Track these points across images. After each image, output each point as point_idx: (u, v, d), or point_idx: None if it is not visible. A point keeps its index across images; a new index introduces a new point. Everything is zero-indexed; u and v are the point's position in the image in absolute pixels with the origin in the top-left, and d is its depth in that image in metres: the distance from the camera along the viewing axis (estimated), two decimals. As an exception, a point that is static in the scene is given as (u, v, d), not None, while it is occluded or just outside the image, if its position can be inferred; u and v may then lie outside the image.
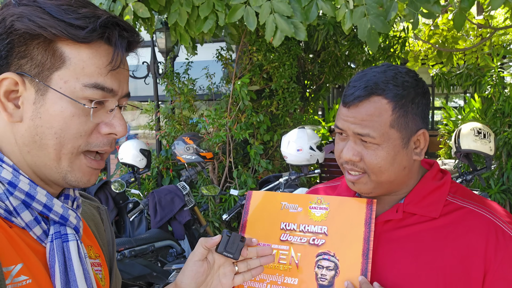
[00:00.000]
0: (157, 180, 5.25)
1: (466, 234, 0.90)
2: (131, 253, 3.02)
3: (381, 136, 0.90)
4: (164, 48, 4.88)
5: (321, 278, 0.91)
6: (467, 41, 5.91)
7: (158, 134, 5.15)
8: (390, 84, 0.90)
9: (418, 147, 0.95)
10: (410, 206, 0.96)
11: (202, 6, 2.47)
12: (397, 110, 0.90)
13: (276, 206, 0.98)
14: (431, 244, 0.92)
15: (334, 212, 0.95)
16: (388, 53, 5.68)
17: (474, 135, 2.93)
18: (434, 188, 0.97)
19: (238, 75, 4.55)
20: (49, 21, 0.64)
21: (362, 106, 0.91)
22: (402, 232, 0.95)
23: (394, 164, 0.92)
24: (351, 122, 0.92)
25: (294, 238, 0.95)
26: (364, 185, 0.95)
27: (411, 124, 0.92)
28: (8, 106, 0.66)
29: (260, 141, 4.60)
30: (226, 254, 0.81)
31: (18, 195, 0.66)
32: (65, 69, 0.66)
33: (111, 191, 3.68)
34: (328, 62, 5.43)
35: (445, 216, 0.94)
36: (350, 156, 0.93)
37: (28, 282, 0.63)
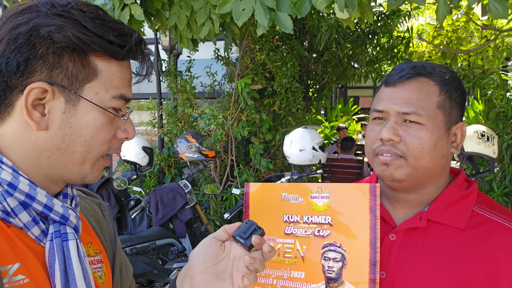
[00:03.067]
0: (158, 178, 5.26)
1: (494, 250, 0.86)
2: (132, 251, 3.02)
3: (428, 115, 0.88)
4: (168, 45, 4.88)
5: (328, 270, 0.88)
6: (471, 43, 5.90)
7: (161, 132, 5.16)
8: (437, 70, 0.91)
9: (455, 141, 0.94)
10: (434, 214, 0.92)
11: (199, 12, 2.49)
12: (444, 92, 0.90)
13: (277, 198, 0.94)
14: (456, 257, 0.87)
15: (336, 200, 0.90)
16: (392, 53, 5.67)
17: (477, 137, 2.92)
18: (460, 197, 0.93)
19: (240, 74, 4.55)
20: (91, 37, 0.66)
21: (410, 85, 0.90)
22: (425, 241, 0.91)
23: (436, 149, 0.89)
24: (396, 101, 0.89)
25: (299, 231, 0.91)
26: (399, 168, 0.89)
27: (454, 112, 0.92)
28: (34, 114, 0.66)
29: (262, 140, 4.60)
30: (238, 238, 0.79)
31: (18, 196, 0.66)
32: (97, 81, 0.69)
33: (113, 188, 3.68)
34: (331, 62, 5.43)
35: (472, 229, 0.89)
36: (390, 135, 0.88)
37: (26, 281, 0.64)
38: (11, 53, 0.64)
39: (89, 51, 0.67)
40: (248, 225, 0.80)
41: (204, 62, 5.10)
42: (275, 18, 2.12)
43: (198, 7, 2.50)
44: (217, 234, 0.81)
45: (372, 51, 5.86)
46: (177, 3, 2.61)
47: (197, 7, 2.51)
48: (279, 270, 0.91)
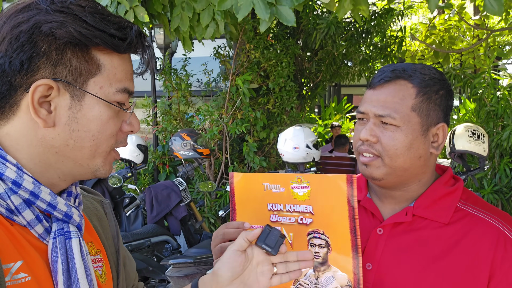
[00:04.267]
0: (153, 175, 5.27)
1: (475, 243, 0.90)
2: (127, 248, 3.04)
3: (401, 118, 0.91)
4: (163, 44, 4.88)
5: (315, 256, 0.92)
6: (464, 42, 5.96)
7: (155, 129, 5.16)
8: (418, 72, 0.94)
9: (436, 141, 0.96)
10: (420, 209, 0.96)
11: (203, 13, 2.50)
12: (421, 95, 0.92)
13: (260, 187, 0.96)
14: (439, 250, 0.91)
15: (315, 191, 0.92)
16: (385, 52, 5.71)
17: (468, 136, 2.97)
18: (446, 193, 0.97)
19: (235, 72, 4.57)
20: (92, 31, 0.66)
21: (388, 87, 0.94)
22: (411, 236, 0.95)
23: (411, 149, 0.92)
24: (374, 104, 0.94)
25: (283, 219, 0.94)
26: (377, 168, 0.95)
27: (432, 114, 0.94)
28: (41, 112, 0.66)
29: (256, 138, 4.63)
30: (264, 247, 0.80)
31: (22, 194, 0.66)
32: (100, 75, 0.69)
33: (108, 186, 3.69)
34: (325, 60, 5.46)
35: (455, 223, 0.94)
36: (367, 136, 0.94)
37: (28, 279, 0.64)
38: (13, 52, 0.64)
39: (91, 46, 0.67)
40: (271, 231, 0.81)
41: (199, 60, 5.11)
42: (276, 12, 2.13)
43: (200, 8, 2.51)
44: (239, 245, 0.80)
45: (366, 50, 5.89)
46: (178, 5, 2.62)
47: (199, 8, 2.52)
48: None
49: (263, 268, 0.81)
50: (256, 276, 0.80)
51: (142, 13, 2.44)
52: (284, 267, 0.83)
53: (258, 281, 0.80)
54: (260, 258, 0.81)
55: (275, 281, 0.82)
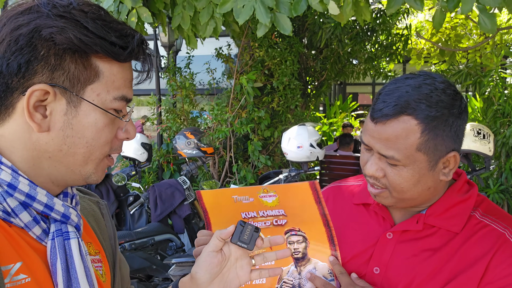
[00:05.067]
0: (157, 174, 5.28)
1: (475, 247, 0.88)
2: (131, 246, 3.05)
3: (405, 159, 0.85)
4: (167, 42, 4.89)
5: (294, 252, 0.95)
6: (470, 40, 5.91)
7: (159, 128, 5.17)
8: (423, 104, 0.83)
9: (447, 167, 0.90)
10: (431, 218, 0.93)
11: (202, 12, 2.51)
12: (427, 132, 0.84)
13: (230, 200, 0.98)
14: (447, 261, 0.89)
15: (283, 197, 0.95)
16: (391, 50, 5.68)
17: (473, 135, 2.94)
18: (459, 201, 0.93)
19: (240, 70, 4.56)
20: (93, 38, 0.65)
21: (389, 125, 0.85)
22: (421, 243, 0.93)
23: (418, 185, 0.88)
24: (377, 140, 0.87)
25: (259, 224, 0.97)
26: (385, 199, 0.92)
27: (441, 147, 0.86)
28: (36, 116, 0.66)
29: (261, 137, 4.62)
30: (240, 244, 0.80)
31: (18, 196, 0.65)
32: (98, 82, 0.68)
33: (112, 184, 3.70)
34: (330, 59, 5.44)
35: (466, 233, 0.90)
36: (373, 172, 0.90)
37: (27, 280, 0.63)
38: (12, 54, 0.63)
39: (90, 53, 0.66)
40: (245, 227, 0.81)
41: (203, 59, 5.10)
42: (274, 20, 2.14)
43: (201, 7, 2.52)
44: (214, 245, 0.80)
45: (371, 48, 5.86)
46: (180, 3, 2.63)
47: (200, 7, 2.52)
48: None
49: (241, 262, 0.82)
50: (235, 271, 0.81)
51: (145, 13, 2.45)
52: (261, 259, 0.84)
53: (238, 276, 0.81)
54: (238, 253, 0.82)
55: (254, 275, 0.83)
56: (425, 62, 6.74)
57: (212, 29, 2.55)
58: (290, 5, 2.13)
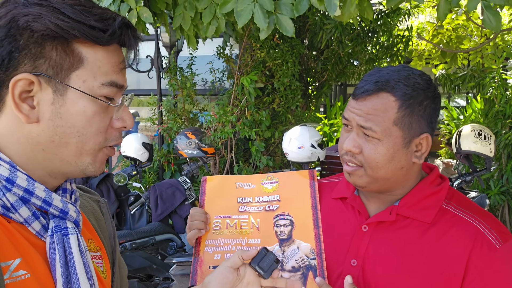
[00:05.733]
0: (158, 174, 5.28)
1: (452, 242, 0.91)
2: (132, 246, 3.05)
3: (382, 131, 0.91)
4: (168, 42, 4.89)
5: (280, 234, 1.03)
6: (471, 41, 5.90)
7: (160, 128, 5.17)
8: (401, 83, 0.91)
9: (420, 150, 0.95)
10: (404, 209, 0.97)
11: (204, 12, 2.51)
12: (403, 109, 0.91)
13: (232, 186, 1.11)
14: (419, 250, 0.93)
15: (283, 183, 1.10)
16: (392, 51, 5.68)
17: (474, 136, 2.95)
18: (431, 193, 0.98)
19: (240, 71, 4.56)
20: (70, 23, 0.64)
21: (370, 100, 0.92)
22: (394, 234, 0.97)
23: (392, 162, 0.93)
24: (357, 114, 0.93)
25: (252, 208, 1.07)
26: (359, 178, 0.96)
27: (415, 126, 0.93)
28: (23, 107, 0.65)
29: (262, 137, 4.62)
30: (258, 269, 0.81)
31: (16, 191, 0.65)
32: (83, 69, 0.67)
33: (113, 184, 3.71)
34: (331, 59, 5.44)
35: (437, 223, 0.95)
36: (351, 147, 0.95)
37: (27, 276, 0.63)
38: None
39: (71, 38, 0.65)
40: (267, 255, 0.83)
41: (204, 59, 5.11)
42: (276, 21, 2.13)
43: (202, 7, 2.52)
44: (233, 262, 0.82)
45: (372, 49, 5.86)
46: (181, 4, 2.63)
47: (201, 7, 2.53)
48: (237, 239, 1.05)
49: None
50: None
51: (146, 13, 2.45)
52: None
53: None
54: (251, 278, 0.83)
55: None
56: (426, 64, 6.74)
57: (215, 29, 2.55)
58: (292, 5, 2.13)
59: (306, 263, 0.99)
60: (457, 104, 12.43)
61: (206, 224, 1.05)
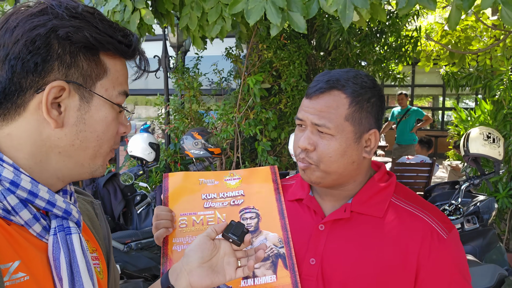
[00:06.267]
0: (165, 173, 5.30)
1: (404, 235, 0.96)
2: (137, 246, 3.06)
3: (336, 127, 0.96)
4: (176, 42, 4.90)
5: (248, 226, 1.06)
6: (480, 42, 5.85)
7: (167, 128, 5.19)
8: (350, 82, 0.98)
9: (369, 146, 1.01)
10: (357, 206, 1.02)
11: (210, 12, 2.52)
12: (353, 105, 0.97)
13: (195, 182, 1.12)
14: (375, 244, 0.98)
15: (246, 179, 1.13)
16: (400, 52, 5.65)
17: (483, 139, 2.91)
18: (380, 189, 1.03)
19: (247, 71, 4.56)
20: (105, 37, 0.71)
21: (322, 98, 0.98)
22: (350, 231, 1.01)
23: (344, 156, 0.98)
24: (311, 112, 0.99)
25: (217, 204, 1.10)
26: (313, 172, 1.01)
27: (365, 122, 0.99)
28: (53, 112, 0.68)
29: (268, 138, 4.62)
30: (231, 235, 0.87)
31: (20, 193, 0.66)
32: (106, 78, 0.73)
33: (120, 183, 3.72)
34: (338, 60, 5.42)
35: (388, 217, 1.00)
36: (306, 145, 0.99)
37: (26, 278, 0.64)
38: (28, 54, 0.65)
39: (101, 50, 0.71)
40: (236, 225, 0.89)
41: (211, 59, 5.12)
42: (288, 18, 2.15)
43: (209, 7, 2.53)
44: (209, 233, 0.88)
45: (380, 50, 5.84)
46: (188, 4, 2.64)
47: (208, 7, 2.53)
48: None
49: (229, 259, 0.87)
50: (223, 265, 0.87)
51: (149, 15, 2.46)
52: (245, 260, 0.90)
53: (225, 269, 0.86)
54: (227, 249, 0.88)
55: (238, 273, 0.88)
56: (434, 64, 6.69)
57: (220, 28, 2.56)
58: (303, 4, 2.13)
59: (275, 252, 1.03)
60: (466, 105, 12.32)
61: (172, 222, 1.07)
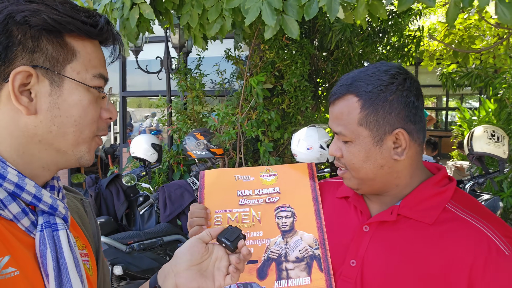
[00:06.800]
0: (167, 175, 5.30)
1: (455, 245, 0.88)
2: (140, 246, 3.06)
3: (351, 134, 0.93)
4: (178, 43, 4.91)
5: (282, 225, 1.05)
6: (483, 41, 5.82)
7: (170, 130, 5.19)
8: (362, 82, 0.92)
9: (400, 146, 0.93)
10: (405, 209, 0.96)
11: (211, 10, 2.50)
12: (366, 107, 0.91)
13: (230, 179, 1.11)
14: (419, 250, 0.91)
15: (282, 176, 1.11)
16: (402, 52, 5.62)
17: (487, 137, 2.89)
18: (434, 193, 0.95)
19: (250, 72, 4.55)
20: (65, 18, 0.68)
21: (337, 104, 0.96)
22: (395, 235, 0.95)
23: (368, 162, 0.93)
24: (331, 120, 0.98)
25: (252, 201, 1.08)
26: (349, 180, 0.99)
27: (384, 123, 0.91)
28: (22, 99, 0.67)
29: (271, 138, 4.60)
30: (224, 240, 0.85)
31: (7, 186, 0.66)
32: (76, 61, 0.71)
33: (122, 185, 3.72)
34: (341, 60, 5.40)
35: (440, 225, 0.92)
36: (333, 152, 0.99)
37: (16, 273, 0.64)
38: None
39: (64, 32, 0.69)
40: (232, 230, 0.87)
41: (214, 60, 5.11)
42: (282, 22, 2.12)
43: (209, 5, 2.52)
44: (202, 236, 0.86)
45: (383, 50, 5.81)
46: (188, 2, 2.63)
47: (209, 5, 2.52)
48: None
49: (220, 264, 0.84)
50: (212, 270, 0.84)
51: (148, 9, 2.44)
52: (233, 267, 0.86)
53: (214, 275, 0.84)
54: (220, 254, 0.86)
55: (227, 281, 0.85)
56: (437, 64, 6.66)
57: (219, 27, 2.54)
58: (299, 8, 2.11)
59: (310, 253, 1.01)
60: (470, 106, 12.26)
61: (207, 220, 1.04)
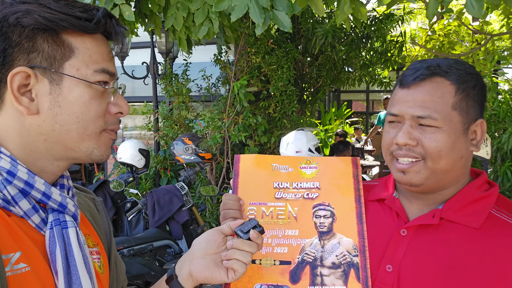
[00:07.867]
0: (154, 180, 5.27)
1: (505, 252, 0.83)
2: (129, 252, 3.03)
3: (443, 118, 0.85)
4: (164, 49, 4.90)
5: (320, 226, 0.96)
6: (463, 47, 5.99)
7: (157, 136, 5.16)
8: (454, 68, 0.87)
9: (475, 138, 0.90)
10: (449, 212, 0.90)
11: (197, 13, 2.49)
12: (460, 92, 0.86)
13: (267, 168, 1.02)
14: (464, 257, 0.85)
15: (323, 169, 1.01)
16: (385, 57, 5.74)
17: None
18: (479, 198, 0.90)
19: (236, 77, 4.58)
20: (58, 15, 0.68)
21: (424, 86, 0.87)
22: (436, 239, 0.89)
23: (454, 150, 0.86)
24: (410, 105, 0.87)
25: (289, 195, 0.99)
26: (417, 173, 0.88)
27: (471, 111, 0.88)
28: (22, 100, 0.67)
29: (258, 142, 4.63)
30: (238, 231, 0.83)
31: (17, 183, 0.67)
32: (75, 58, 0.70)
33: (110, 190, 3.68)
34: (325, 65, 5.48)
35: (487, 230, 0.86)
36: (406, 140, 0.87)
37: (27, 269, 0.64)
38: None
39: (59, 30, 0.69)
40: (250, 222, 0.84)
41: (200, 65, 5.12)
42: (273, 17, 2.13)
43: (195, 8, 2.51)
44: (222, 227, 0.85)
45: (366, 55, 5.92)
46: (173, 4, 2.62)
47: (194, 8, 2.52)
48: (273, 230, 0.97)
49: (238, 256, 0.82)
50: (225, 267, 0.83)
51: (128, 11, 2.40)
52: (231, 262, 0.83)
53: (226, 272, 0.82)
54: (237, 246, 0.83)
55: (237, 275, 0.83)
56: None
57: (206, 30, 2.53)
58: (288, 2, 2.13)
59: (348, 260, 0.93)
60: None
61: (241, 212, 0.96)
